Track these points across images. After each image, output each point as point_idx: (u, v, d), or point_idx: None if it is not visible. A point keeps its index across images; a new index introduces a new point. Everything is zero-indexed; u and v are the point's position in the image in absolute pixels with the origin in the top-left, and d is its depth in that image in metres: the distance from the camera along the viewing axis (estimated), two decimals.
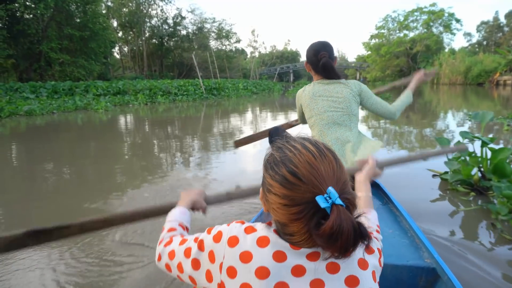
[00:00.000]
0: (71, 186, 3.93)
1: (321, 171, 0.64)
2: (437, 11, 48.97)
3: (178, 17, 43.31)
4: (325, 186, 0.63)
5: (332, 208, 0.60)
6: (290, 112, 12.26)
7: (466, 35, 57.18)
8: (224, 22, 46.72)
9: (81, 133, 7.84)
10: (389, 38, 53.46)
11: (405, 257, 1.47)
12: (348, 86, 1.97)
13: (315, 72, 2.02)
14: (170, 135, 7.45)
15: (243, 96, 19.93)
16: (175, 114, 11.60)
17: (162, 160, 5.19)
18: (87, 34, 23.15)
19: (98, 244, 2.32)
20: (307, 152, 0.66)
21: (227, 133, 7.36)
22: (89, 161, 5.13)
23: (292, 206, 0.63)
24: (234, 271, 0.67)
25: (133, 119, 10.38)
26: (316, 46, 1.99)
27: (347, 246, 0.60)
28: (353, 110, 1.95)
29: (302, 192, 0.63)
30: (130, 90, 15.43)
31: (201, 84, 17.85)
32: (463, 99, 18.19)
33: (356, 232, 0.61)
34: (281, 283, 0.65)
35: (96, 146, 6.35)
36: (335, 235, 0.59)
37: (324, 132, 1.93)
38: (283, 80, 63.81)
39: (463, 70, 35.90)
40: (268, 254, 0.66)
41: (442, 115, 10.94)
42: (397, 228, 1.76)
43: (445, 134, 6.66)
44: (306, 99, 2.02)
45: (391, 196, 2.13)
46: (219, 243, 0.71)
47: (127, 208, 2.88)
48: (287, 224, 0.66)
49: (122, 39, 43.21)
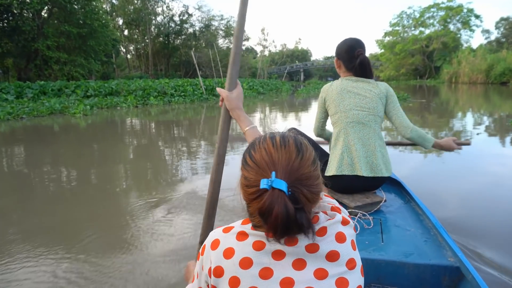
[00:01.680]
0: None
1: (274, 158, 0.68)
2: (455, 6, 46.92)
3: (184, 14, 42.14)
4: (270, 171, 0.67)
5: (270, 190, 0.65)
6: (302, 114, 10.79)
7: (484, 32, 54.58)
8: (233, 19, 45.26)
9: (28, 147, 6.11)
10: (404, 35, 51.63)
11: (427, 255, 1.42)
12: (377, 87, 1.93)
13: (346, 69, 1.97)
14: (142, 155, 5.59)
15: (248, 96, 18.26)
16: (165, 118, 10.21)
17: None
18: (85, 31, 22.04)
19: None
20: (269, 141, 0.72)
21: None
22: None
23: (249, 186, 0.70)
24: (220, 270, 0.71)
25: (111, 125, 8.96)
26: (350, 42, 1.95)
27: (276, 229, 0.64)
28: (378, 111, 1.91)
29: (255, 174, 0.69)
30: (123, 90, 14.15)
31: (200, 84, 16.12)
32: (484, 99, 16.91)
33: (290, 219, 0.63)
34: (265, 268, 0.69)
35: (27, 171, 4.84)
36: (266, 215, 0.64)
37: (348, 131, 1.89)
38: (293, 80, 62.51)
39: (484, 68, 33.79)
40: (248, 245, 0.71)
41: (460, 115, 9.53)
42: (419, 226, 1.69)
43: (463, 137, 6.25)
44: (333, 94, 1.95)
45: (413, 194, 2.06)
46: (205, 253, 0.77)
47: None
48: (248, 204, 0.72)
49: (128, 38, 42.30)
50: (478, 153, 4.90)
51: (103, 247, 2.34)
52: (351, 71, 1.93)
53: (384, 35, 54.94)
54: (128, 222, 2.78)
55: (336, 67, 2.00)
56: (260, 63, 41.29)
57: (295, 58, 68.73)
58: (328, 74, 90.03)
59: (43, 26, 21.30)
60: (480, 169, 4.26)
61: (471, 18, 47.49)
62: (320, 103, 2.05)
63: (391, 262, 1.37)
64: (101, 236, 2.54)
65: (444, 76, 39.95)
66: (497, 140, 6.26)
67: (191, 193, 3.43)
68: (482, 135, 6.47)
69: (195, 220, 2.70)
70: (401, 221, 1.73)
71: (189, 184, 3.79)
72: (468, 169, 4.22)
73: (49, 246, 2.36)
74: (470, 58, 36.66)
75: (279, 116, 10.85)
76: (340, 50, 1.95)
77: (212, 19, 44.00)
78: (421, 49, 47.27)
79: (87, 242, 2.40)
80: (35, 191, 3.73)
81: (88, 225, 2.73)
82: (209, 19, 43.69)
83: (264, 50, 60.20)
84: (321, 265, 0.70)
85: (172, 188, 3.69)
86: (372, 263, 1.37)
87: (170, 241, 2.42)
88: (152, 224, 2.70)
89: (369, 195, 1.90)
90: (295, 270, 0.69)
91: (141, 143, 6.59)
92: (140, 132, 7.87)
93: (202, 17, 44.00)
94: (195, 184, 3.74)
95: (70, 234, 2.58)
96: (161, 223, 2.73)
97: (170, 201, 3.18)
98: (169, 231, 2.57)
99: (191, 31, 42.90)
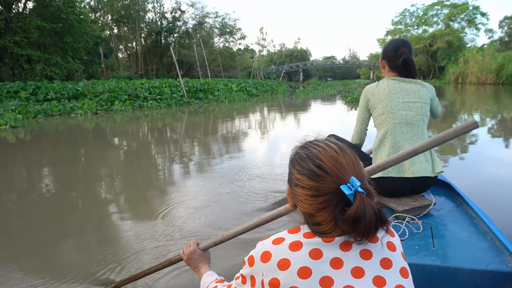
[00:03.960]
0: None
1: (343, 164, 0.71)
2: (460, 4, 45.04)
3: (176, 11, 40.02)
4: (347, 177, 0.70)
5: (355, 195, 0.67)
6: (309, 123, 8.72)
7: (487, 31, 52.42)
8: (228, 16, 43.17)
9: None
10: (406, 34, 49.73)
11: (484, 261, 1.32)
12: (424, 87, 1.92)
13: (390, 69, 1.96)
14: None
15: (238, 100, 15.84)
16: (124, 129, 8.08)
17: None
18: (60, 26, 19.89)
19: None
20: (329, 149, 0.74)
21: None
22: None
23: (319, 196, 0.70)
24: (276, 282, 0.71)
25: (35, 144, 6.80)
26: (396, 42, 1.97)
27: (369, 229, 0.67)
28: (426, 111, 1.90)
29: (327, 183, 0.70)
30: (90, 93, 12.05)
31: (181, 86, 13.82)
32: (494, 101, 15.21)
33: (377, 217, 0.67)
34: (324, 277, 0.69)
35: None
36: (359, 218, 0.65)
37: (395, 132, 1.86)
38: (292, 80, 60.63)
39: (494, 68, 31.73)
40: (304, 254, 0.71)
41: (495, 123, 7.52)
42: (474, 230, 1.58)
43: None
44: (381, 95, 1.90)
45: (465, 196, 1.96)
46: (254, 265, 0.76)
47: None
48: (314, 214, 0.72)
49: (118, 36, 40.18)
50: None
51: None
52: (395, 70, 1.94)
53: (386, 34, 53.19)
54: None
55: (381, 67, 2.02)
56: (255, 62, 39.01)
57: (294, 58, 67.01)
58: (327, 75, 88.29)
59: (12, 20, 19.17)
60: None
61: (476, 16, 45.62)
62: (364, 105, 1.99)
63: (445, 268, 1.29)
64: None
65: (449, 76, 37.93)
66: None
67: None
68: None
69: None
70: (453, 225, 1.62)
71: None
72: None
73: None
74: (478, 57, 34.61)
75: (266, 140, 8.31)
76: (387, 49, 1.96)
77: (206, 16, 41.90)
78: (425, 48, 45.40)
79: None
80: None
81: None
82: (203, 16, 41.58)
83: (262, 50, 58.43)
84: (378, 272, 0.72)
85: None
86: (423, 269, 1.29)
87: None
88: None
89: (417, 198, 1.81)
90: (354, 278, 0.70)
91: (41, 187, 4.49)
92: (54, 160, 5.74)
93: (196, 14, 41.94)
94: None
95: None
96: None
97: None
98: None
99: (184, 29, 40.77)
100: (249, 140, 6.44)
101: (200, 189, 3.50)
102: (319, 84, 39.23)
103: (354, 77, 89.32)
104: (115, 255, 2.16)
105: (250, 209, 2.82)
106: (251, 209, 2.84)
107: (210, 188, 3.49)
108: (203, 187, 3.57)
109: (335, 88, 30.65)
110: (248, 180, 3.68)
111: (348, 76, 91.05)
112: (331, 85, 37.32)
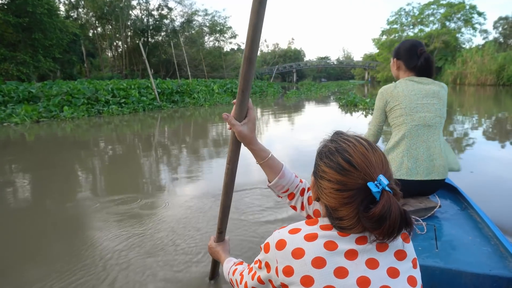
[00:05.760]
0: None
1: (373, 161, 0.70)
2: (457, 3, 43.94)
3: (163, 8, 38.10)
4: (375, 174, 0.69)
5: (382, 193, 0.67)
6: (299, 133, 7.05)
7: (482, 32, 51.28)
8: (218, 14, 41.40)
9: None
10: (402, 34, 48.51)
11: (487, 265, 1.33)
12: (443, 87, 1.88)
13: (407, 68, 1.91)
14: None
15: (219, 103, 13.94)
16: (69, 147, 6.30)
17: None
18: (26, 20, 18.01)
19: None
20: (360, 145, 0.72)
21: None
22: None
23: (344, 191, 0.69)
24: (290, 269, 0.72)
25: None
26: (411, 41, 1.93)
27: (393, 229, 0.66)
28: (443, 112, 1.87)
29: (354, 178, 0.69)
30: (44, 96, 10.28)
31: (153, 87, 11.90)
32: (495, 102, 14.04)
33: (402, 218, 0.66)
34: (339, 268, 0.69)
35: None
36: (384, 217, 0.65)
37: (412, 134, 1.82)
38: (286, 80, 58.95)
39: (495, 69, 30.42)
40: (319, 245, 0.71)
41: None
42: (478, 235, 1.58)
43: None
44: (400, 96, 1.84)
45: (470, 200, 1.94)
46: (269, 252, 0.78)
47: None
48: (337, 209, 0.71)
49: (102, 35, 38.20)
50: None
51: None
52: (412, 70, 1.90)
53: (381, 33, 51.97)
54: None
55: (393, 69, 1.98)
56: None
57: (288, 58, 65.47)
58: (322, 75, 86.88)
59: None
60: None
61: (473, 15, 44.53)
62: (381, 106, 1.95)
63: (447, 270, 1.28)
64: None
65: (447, 77, 36.62)
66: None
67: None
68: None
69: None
70: (457, 228, 1.61)
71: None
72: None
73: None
74: (478, 57, 33.32)
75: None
76: (400, 49, 1.92)
77: (195, 14, 40.04)
78: None
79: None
80: None
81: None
82: (192, 14, 39.73)
83: None
84: (392, 264, 0.72)
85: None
86: (425, 270, 1.25)
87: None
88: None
89: (423, 200, 1.80)
90: (369, 269, 0.70)
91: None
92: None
93: (184, 12, 40.06)
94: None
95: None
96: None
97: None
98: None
99: (171, 27, 38.87)
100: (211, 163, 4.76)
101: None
102: (313, 85, 37.63)
103: (349, 77, 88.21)
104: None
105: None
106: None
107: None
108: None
109: (329, 89, 29.07)
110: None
111: (343, 76, 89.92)
112: (326, 86, 35.77)
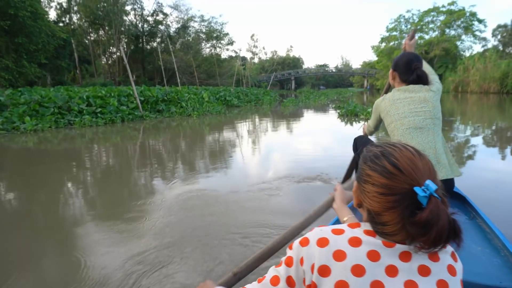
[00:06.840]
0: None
1: (419, 167, 0.68)
2: (457, 10, 43.37)
3: (158, 13, 37.36)
4: (422, 180, 0.66)
5: (430, 199, 0.64)
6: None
7: (481, 39, 50.76)
8: (214, 20, 40.58)
9: None
10: (402, 41, 47.87)
11: (497, 277, 1.29)
12: (430, 89, 1.91)
13: (401, 80, 1.99)
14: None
15: (209, 113, 12.85)
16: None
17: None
18: (7, 23, 17.02)
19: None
20: (406, 150, 0.71)
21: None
22: None
23: (389, 195, 0.67)
24: (327, 270, 0.68)
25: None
26: (409, 55, 1.97)
27: (440, 237, 0.63)
28: (436, 113, 1.89)
29: (400, 182, 0.67)
30: (12, 104, 9.22)
31: (135, 95, 10.90)
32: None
33: (451, 226, 0.64)
34: (376, 281, 0.66)
35: None
36: (431, 224, 0.62)
37: (405, 137, 1.87)
38: (284, 88, 58.16)
39: (498, 77, 29.56)
40: (362, 253, 0.68)
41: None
42: (487, 246, 1.55)
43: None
44: (386, 106, 1.97)
45: (479, 210, 1.90)
46: (307, 246, 0.72)
47: None
48: (381, 213, 0.68)
49: (95, 40, 37.35)
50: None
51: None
52: (404, 83, 1.96)
53: (381, 41, 51.24)
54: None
55: (390, 79, 2.05)
56: (243, 70, 36.37)
57: (286, 65, 64.85)
58: (320, 83, 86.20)
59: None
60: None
61: (474, 22, 43.93)
62: (376, 117, 2.12)
63: None
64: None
65: (448, 85, 35.74)
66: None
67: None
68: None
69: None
70: (466, 238, 1.30)
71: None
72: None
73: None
74: (480, 65, 32.50)
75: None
76: (398, 62, 1.98)
77: (191, 20, 39.29)
78: (421, 55, 43.32)
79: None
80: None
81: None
82: (188, 19, 38.96)
83: (253, 57, 56.02)
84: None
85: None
86: None
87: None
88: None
89: None
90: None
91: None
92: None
93: (180, 18, 39.30)
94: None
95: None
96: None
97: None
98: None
99: (167, 33, 38.07)
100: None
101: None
102: (311, 92, 36.70)
103: (347, 85, 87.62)
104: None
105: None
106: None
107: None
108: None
109: (328, 97, 28.06)
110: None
111: (341, 84, 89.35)
112: (324, 93, 34.79)
